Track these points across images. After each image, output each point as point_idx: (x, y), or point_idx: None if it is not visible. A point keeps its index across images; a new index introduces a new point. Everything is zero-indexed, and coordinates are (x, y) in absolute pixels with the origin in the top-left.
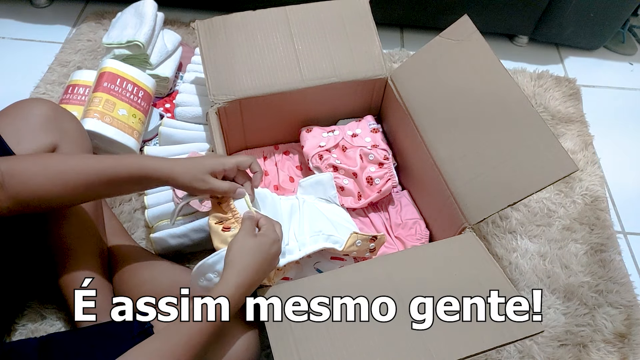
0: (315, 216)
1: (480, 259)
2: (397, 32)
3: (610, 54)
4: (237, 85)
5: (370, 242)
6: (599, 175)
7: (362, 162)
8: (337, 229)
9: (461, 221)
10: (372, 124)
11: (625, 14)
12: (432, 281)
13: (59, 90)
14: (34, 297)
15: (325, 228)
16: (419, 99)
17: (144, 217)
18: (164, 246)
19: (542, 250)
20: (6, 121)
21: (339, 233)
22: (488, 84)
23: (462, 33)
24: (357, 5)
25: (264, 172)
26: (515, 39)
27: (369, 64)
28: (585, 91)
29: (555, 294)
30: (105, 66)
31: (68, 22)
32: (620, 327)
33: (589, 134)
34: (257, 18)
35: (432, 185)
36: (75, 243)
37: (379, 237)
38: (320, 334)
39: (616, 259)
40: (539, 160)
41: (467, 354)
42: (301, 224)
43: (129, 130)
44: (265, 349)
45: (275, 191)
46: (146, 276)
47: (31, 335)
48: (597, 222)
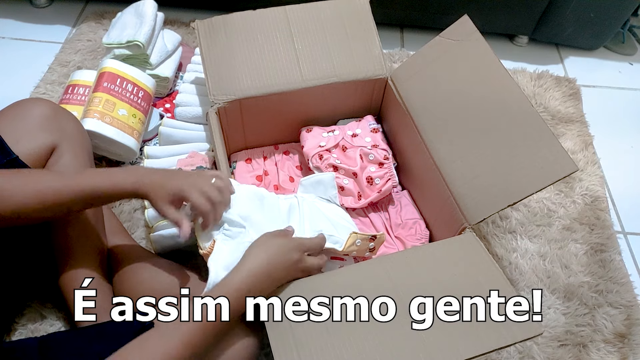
0: (315, 216)
1: (480, 259)
2: (397, 32)
3: (610, 54)
4: (237, 85)
5: (369, 242)
6: (599, 175)
7: (362, 162)
8: (337, 229)
9: (461, 221)
10: (372, 124)
11: (625, 14)
12: (432, 281)
13: (59, 90)
14: (34, 297)
15: (325, 228)
16: (419, 99)
17: (144, 217)
18: (164, 246)
19: (542, 250)
20: (6, 121)
21: (339, 233)
22: (488, 84)
23: (462, 33)
24: (357, 5)
25: (264, 172)
26: (515, 39)
27: (369, 64)
28: (585, 91)
29: (555, 294)
30: (105, 66)
31: (68, 22)
32: (620, 327)
33: (589, 134)
34: (257, 18)
35: (432, 185)
36: (75, 243)
37: (378, 236)
38: (320, 334)
39: (616, 259)
40: (539, 160)
41: (468, 355)
42: (301, 223)
43: (129, 130)
44: (265, 349)
45: (275, 191)
46: (146, 276)
47: (31, 335)
48: (597, 222)
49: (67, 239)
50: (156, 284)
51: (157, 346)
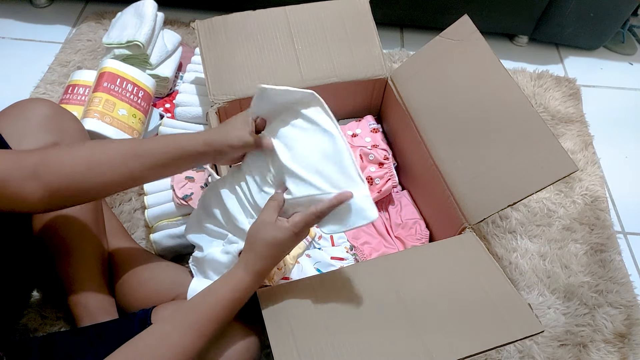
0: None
1: (480, 259)
2: (397, 32)
3: (610, 54)
4: (237, 85)
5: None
6: (599, 175)
7: (362, 162)
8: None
9: (461, 221)
10: (372, 124)
11: (625, 14)
12: (432, 281)
13: (59, 90)
14: (34, 297)
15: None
16: (419, 99)
17: (144, 217)
18: (163, 246)
19: (542, 250)
20: (6, 121)
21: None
22: (488, 84)
23: (462, 33)
24: (357, 5)
25: None
26: (515, 39)
27: (369, 64)
28: (585, 91)
29: (555, 294)
30: (105, 66)
31: (68, 22)
32: (620, 327)
33: (589, 134)
34: (257, 18)
35: (432, 185)
36: (76, 244)
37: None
38: (320, 334)
39: (616, 259)
40: (539, 160)
41: (467, 353)
42: (296, 155)
43: (129, 130)
44: (265, 349)
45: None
46: (146, 276)
47: (31, 336)
48: (597, 222)
49: (67, 239)
50: (156, 284)
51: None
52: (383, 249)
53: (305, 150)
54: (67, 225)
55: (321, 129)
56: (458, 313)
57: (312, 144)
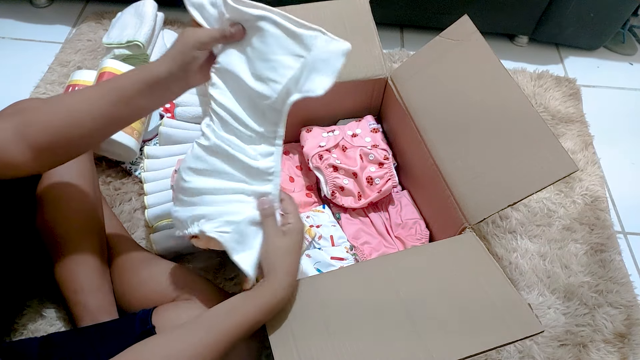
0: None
1: (480, 259)
2: (397, 32)
3: (610, 54)
4: None
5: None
6: (599, 175)
7: (362, 162)
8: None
9: (461, 221)
10: (372, 124)
11: (625, 14)
12: (432, 281)
13: (59, 90)
14: (34, 297)
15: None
16: (419, 99)
17: (144, 217)
18: (164, 246)
19: (542, 250)
20: None
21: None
22: (488, 84)
23: (462, 33)
24: (357, 5)
25: None
26: (515, 39)
27: (369, 64)
28: (585, 91)
29: (555, 294)
30: (105, 66)
31: (68, 22)
32: (620, 327)
33: (589, 134)
34: None
35: (432, 185)
36: (75, 243)
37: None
38: (320, 335)
39: (616, 259)
40: (539, 160)
41: (467, 354)
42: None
43: (129, 130)
44: (265, 350)
45: None
46: (146, 276)
47: (31, 335)
48: (597, 222)
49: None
50: (156, 284)
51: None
52: (383, 249)
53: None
54: (66, 223)
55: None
56: (458, 313)
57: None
